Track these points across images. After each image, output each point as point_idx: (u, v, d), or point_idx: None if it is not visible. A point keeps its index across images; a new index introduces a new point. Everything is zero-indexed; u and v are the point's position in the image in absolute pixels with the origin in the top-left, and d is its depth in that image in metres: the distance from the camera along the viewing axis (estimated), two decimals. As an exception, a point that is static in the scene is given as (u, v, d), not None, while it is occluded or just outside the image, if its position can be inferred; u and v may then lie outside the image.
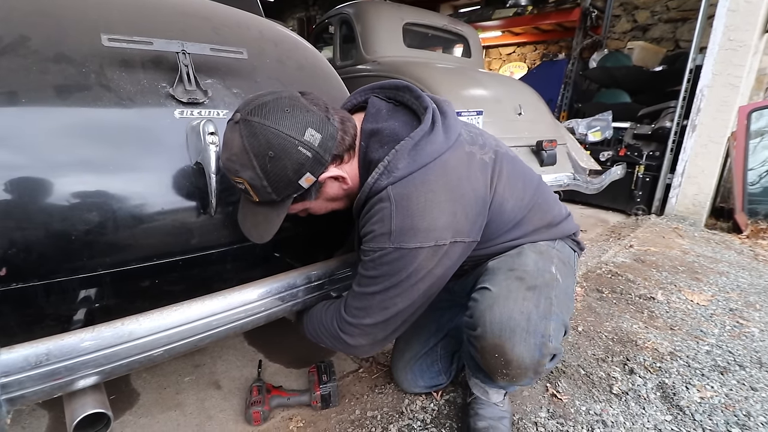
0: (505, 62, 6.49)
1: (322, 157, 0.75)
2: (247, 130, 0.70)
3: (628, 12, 4.75)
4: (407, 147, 0.77)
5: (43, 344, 0.61)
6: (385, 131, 0.81)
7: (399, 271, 0.77)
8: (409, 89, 0.86)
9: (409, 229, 0.75)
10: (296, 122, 0.71)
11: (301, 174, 0.74)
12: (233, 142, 0.72)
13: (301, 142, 0.71)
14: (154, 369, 1.27)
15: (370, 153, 0.81)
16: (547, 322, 0.78)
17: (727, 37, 2.72)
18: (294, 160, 0.72)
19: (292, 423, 1.08)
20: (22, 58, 0.73)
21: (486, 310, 0.79)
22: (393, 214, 0.75)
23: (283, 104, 0.72)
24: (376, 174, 0.78)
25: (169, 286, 0.85)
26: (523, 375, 0.78)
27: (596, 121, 3.46)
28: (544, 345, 0.76)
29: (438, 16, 3.09)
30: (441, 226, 0.76)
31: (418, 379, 1.15)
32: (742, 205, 2.87)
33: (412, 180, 0.77)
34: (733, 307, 1.76)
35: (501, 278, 0.83)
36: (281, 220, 0.81)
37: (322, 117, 0.75)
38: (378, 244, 0.77)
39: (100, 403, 0.69)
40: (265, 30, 1.18)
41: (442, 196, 0.77)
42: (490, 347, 0.77)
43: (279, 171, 0.72)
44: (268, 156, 0.70)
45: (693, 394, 1.21)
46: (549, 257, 0.90)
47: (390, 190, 0.76)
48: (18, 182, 0.67)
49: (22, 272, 0.68)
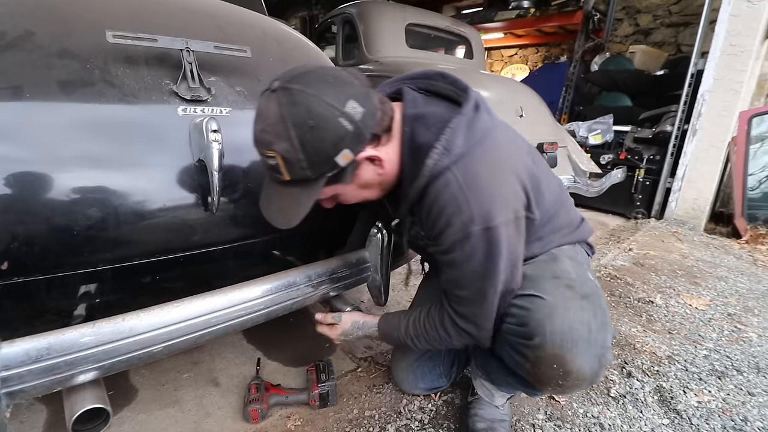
0: (507, 64, 6.50)
1: (362, 133, 0.70)
2: (286, 98, 0.66)
3: (631, 15, 4.75)
4: (462, 123, 0.74)
5: (44, 339, 0.62)
6: (428, 115, 0.78)
7: (493, 253, 0.74)
8: (442, 75, 0.84)
9: (488, 205, 0.72)
10: (339, 93, 0.68)
11: (339, 149, 0.69)
12: (269, 111, 0.67)
13: (343, 113, 0.67)
14: (153, 365, 1.27)
15: (417, 137, 0.77)
16: (605, 333, 0.76)
17: (728, 42, 2.73)
18: (334, 132, 0.67)
19: (290, 421, 1.08)
20: (27, 53, 0.73)
21: (545, 320, 0.74)
22: (467, 197, 0.72)
23: (325, 73, 0.69)
24: (435, 155, 0.73)
25: (169, 283, 0.85)
26: (578, 386, 0.76)
27: (597, 124, 3.47)
28: (603, 356, 0.75)
29: (440, 17, 3.09)
30: (511, 196, 0.75)
31: (419, 381, 1.15)
32: (742, 210, 2.87)
33: (473, 156, 0.74)
34: (732, 311, 1.76)
35: (549, 286, 0.79)
36: (312, 203, 0.75)
37: (364, 92, 0.71)
38: (462, 233, 0.73)
39: (100, 399, 0.69)
40: (268, 29, 1.18)
41: (505, 168, 0.76)
42: (549, 358, 0.73)
43: (317, 143, 0.67)
44: (307, 125, 0.66)
45: (690, 398, 1.21)
46: (580, 263, 0.88)
47: (455, 172, 0.73)
48: (21, 177, 0.67)
49: (24, 266, 0.68)
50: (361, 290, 1.73)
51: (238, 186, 0.90)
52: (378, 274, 1.07)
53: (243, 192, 0.91)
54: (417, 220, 0.84)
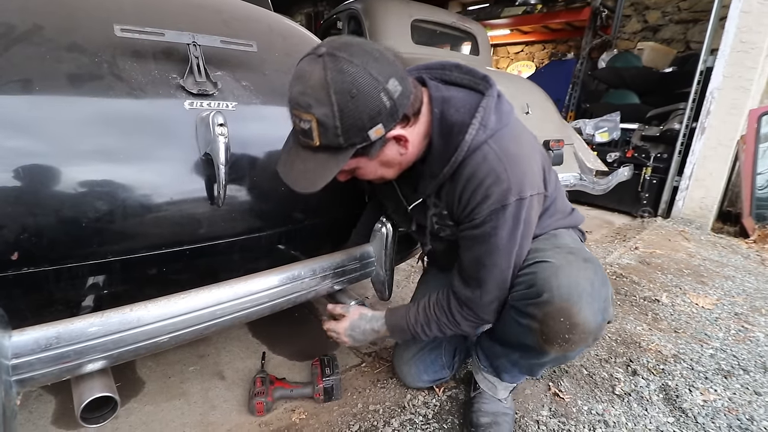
0: (513, 61, 6.46)
1: (397, 111, 0.72)
2: (333, 64, 0.66)
3: (639, 12, 4.70)
4: (492, 104, 0.80)
5: (53, 328, 0.62)
6: (456, 98, 0.82)
7: (518, 224, 0.80)
8: (458, 66, 0.87)
9: (523, 177, 0.78)
10: (383, 68, 0.69)
11: (374, 123, 0.70)
12: (312, 75, 0.67)
13: (385, 89, 0.68)
14: (159, 358, 1.29)
15: (448, 117, 0.80)
16: (606, 289, 0.81)
17: (739, 38, 2.69)
18: (373, 105, 0.68)
19: (294, 414, 1.08)
20: (36, 47, 0.74)
21: (551, 277, 0.79)
22: (505, 167, 0.77)
23: (371, 48, 0.70)
24: (473, 130, 0.78)
25: (176, 275, 0.86)
26: (584, 340, 0.79)
27: (604, 122, 3.44)
28: (605, 310, 0.79)
29: (446, 13, 3.08)
30: (537, 173, 0.83)
31: (422, 374, 1.15)
32: (750, 210, 2.84)
33: (506, 132, 0.80)
34: (739, 311, 1.75)
35: (552, 253, 0.85)
36: (337, 170, 0.76)
37: (403, 72, 0.73)
38: (499, 204, 0.78)
39: (108, 388, 0.70)
40: (274, 24, 1.18)
41: (530, 146, 0.84)
42: (557, 311, 0.77)
43: (356, 114, 0.68)
44: (350, 94, 0.66)
45: (696, 396, 1.21)
46: (578, 242, 0.96)
47: (492, 145, 0.78)
48: (30, 169, 0.68)
49: (34, 257, 0.69)
50: (365, 286, 1.73)
51: (244, 180, 0.90)
52: (382, 269, 1.07)
53: (249, 186, 0.92)
54: (444, 200, 0.87)
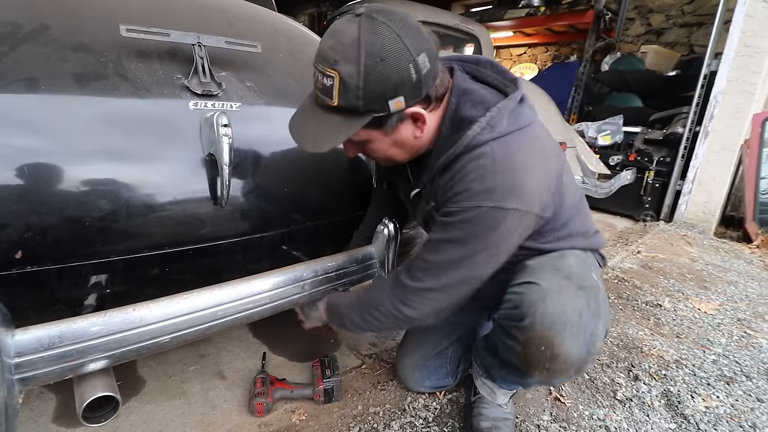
0: (516, 63, 6.45)
1: (421, 88, 0.71)
2: (369, 25, 0.66)
3: (643, 15, 4.70)
4: (509, 107, 0.76)
5: (56, 327, 0.63)
6: (476, 93, 0.79)
7: (488, 233, 0.75)
8: (491, 64, 0.85)
9: (511, 187, 0.73)
10: (417, 42, 0.68)
11: (397, 93, 0.69)
12: (346, 32, 0.67)
13: (414, 61, 0.67)
14: (160, 357, 1.29)
15: (462, 110, 0.78)
16: (597, 322, 0.77)
17: (743, 42, 2.68)
18: (399, 74, 0.67)
19: (294, 416, 1.08)
20: (42, 47, 0.74)
21: (537, 302, 0.77)
22: (496, 170, 0.73)
23: (411, 21, 0.69)
24: (477, 128, 0.74)
25: (178, 275, 0.86)
26: (565, 372, 0.77)
27: (607, 125, 3.44)
28: (592, 344, 0.76)
29: (449, 15, 3.08)
30: (535, 191, 0.75)
31: (425, 380, 1.14)
32: (753, 215, 2.83)
33: (514, 138, 0.75)
34: (741, 317, 1.74)
35: (548, 275, 0.81)
36: (349, 135, 0.74)
37: (435, 52, 0.72)
38: (475, 202, 0.73)
39: (110, 387, 0.70)
40: (278, 24, 1.19)
41: (538, 162, 0.77)
42: (538, 339, 0.75)
43: (381, 78, 0.67)
44: (380, 56, 0.65)
45: (698, 403, 1.20)
46: (587, 264, 0.89)
47: (493, 146, 0.74)
48: (34, 168, 0.68)
49: (37, 256, 0.69)
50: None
51: (248, 180, 0.91)
52: (384, 270, 1.07)
53: (252, 186, 0.92)
54: (433, 191, 0.84)
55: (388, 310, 0.86)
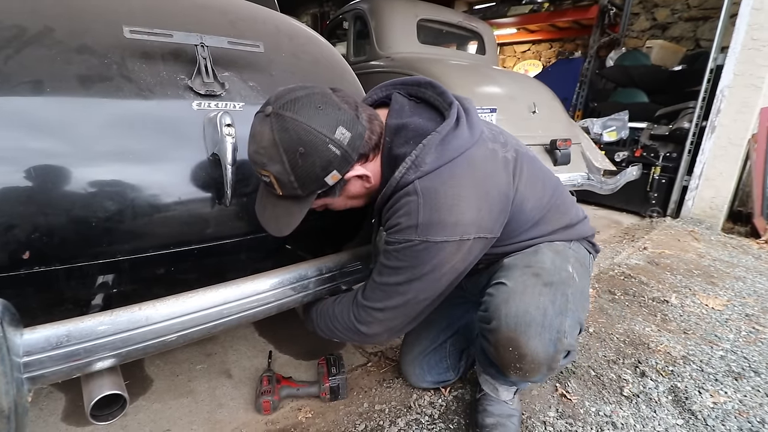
0: (520, 60, 6.42)
1: (350, 156, 0.75)
2: (279, 124, 0.70)
3: (648, 10, 4.65)
4: (434, 141, 0.77)
5: (64, 326, 0.63)
6: (410, 126, 0.81)
7: (422, 264, 0.78)
8: (431, 85, 0.86)
9: (436, 223, 0.75)
10: (328, 120, 0.71)
11: (328, 171, 0.74)
12: (263, 135, 0.71)
13: (332, 140, 0.71)
14: (167, 356, 1.30)
15: (395, 149, 0.81)
16: (563, 318, 0.78)
17: (750, 36, 2.65)
18: (323, 157, 0.72)
19: (301, 413, 1.09)
20: (47, 49, 0.75)
21: (501, 304, 0.79)
22: (420, 208, 0.75)
23: (315, 100, 0.72)
24: (403, 168, 0.77)
25: (184, 274, 0.87)
26: (536, 370, 0.78)
27: (612, 121, 3.40)
28: (559, 341, 0.77)
29: (453, 12, 3.07)
30: (467, 221, 0.76)
31: (426, 374, 1.15)
32: (761, 209, 2.79)
33: (439, 174, 0.77)
34: (750, 312, 1.72)
35: (517, 274, 0.83)
36: (303, 215, 0.80)
37: (352, 116, 0.75)
38: (404, 236, 0.77)
39: (117, 385, 0.71)
40: (280, 24, 1.19)
41: (469, 191, 0.77)
42: (505, 340, 0.78)
43: (307, 167, 0.72)
44: (298, 152, 0.70)
45: (706, 399, 1.19)
46: (565, 257, 0.90)
47: (417, 184, 0.76)
48: (41, 169, 0.69)
49: (45, 256, 0.70)
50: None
51: (251, 179, 0.91)
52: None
53: (256, 185, 0.92)
54: (381, 220, 0.87)
55: (347, 325, 0.89)
